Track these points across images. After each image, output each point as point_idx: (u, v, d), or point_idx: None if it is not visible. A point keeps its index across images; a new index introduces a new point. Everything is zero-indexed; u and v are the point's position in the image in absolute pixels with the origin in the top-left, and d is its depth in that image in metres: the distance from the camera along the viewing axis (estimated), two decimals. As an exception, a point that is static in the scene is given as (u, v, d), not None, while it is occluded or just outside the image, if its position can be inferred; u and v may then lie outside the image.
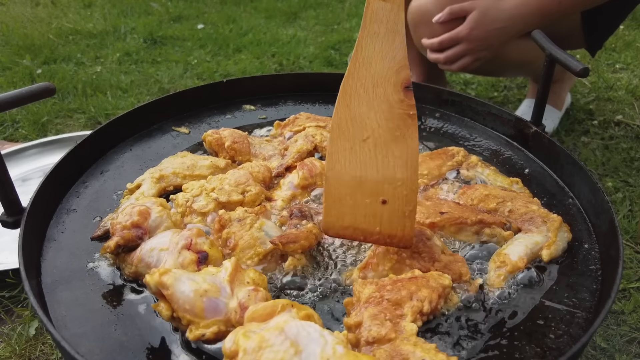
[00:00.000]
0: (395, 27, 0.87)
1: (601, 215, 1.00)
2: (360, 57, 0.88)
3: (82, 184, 1.13)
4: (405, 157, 0.87)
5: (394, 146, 0.87)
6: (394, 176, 0.88)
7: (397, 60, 0.87)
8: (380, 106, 0.87)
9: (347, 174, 0.89)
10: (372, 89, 0.88)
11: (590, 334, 0.75)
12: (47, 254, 0.95)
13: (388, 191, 0.88)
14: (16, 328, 1.34)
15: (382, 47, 0.87)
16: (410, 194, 0.88)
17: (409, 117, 0.87)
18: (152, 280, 0.77)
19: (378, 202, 0.88)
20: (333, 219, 0.90)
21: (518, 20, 1.60)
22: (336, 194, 0.89)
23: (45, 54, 2.92)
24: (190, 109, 1.42)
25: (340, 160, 0.89)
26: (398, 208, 0.88)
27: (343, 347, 0.68)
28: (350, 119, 0.88)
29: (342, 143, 0.89)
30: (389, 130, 0.87)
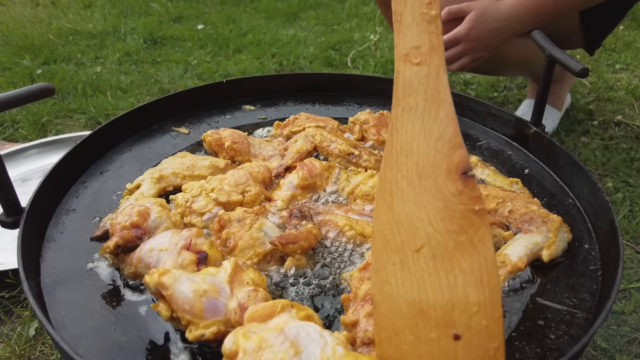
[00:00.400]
0: (437, 95, 0.70)
1: (601, 216, 1.00)
2: (397, 142, 0.71)
3: (81, 184, 1.13)
4: (479, 271, 0.65)
5: (460, 257, 0.65)
6: (467, 299, 0.64)
7: (445, 140, 0.69)
8: (433, 203, 0.67)
9: (400, 297, 0.67)
10: (419, 181, 0.69)
11: (591, 335, 0.75)
12: (47, 254, 0.95)
13: (460, 321, 0.64)
14: (16, 328, 1.34)
15: (424, 124, 0.70)
16: (492, 324, 0.63)
17: (475, 215, 0.66)
18: (151, 281, 0.77)
19: (449, 337, 0.64)
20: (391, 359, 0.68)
21: (515, 20, 1.60)
22: (390, 326, 0.67)
23: (45, 54, 2.92)
24: (190, 109, 1.42)
25: (390, 280, 0.68)
26: (478, 345, 0.63)
27: (343, 347, 0.68)
28: (395, 223, 0.69)
29: (388, 256, 0.68)
30: (449, 235, 0.66)
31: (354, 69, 2.84)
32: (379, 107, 1.39)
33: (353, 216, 1.00)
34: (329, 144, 1.18)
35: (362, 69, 2.81)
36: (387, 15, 2.23)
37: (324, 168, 1.10)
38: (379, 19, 3.43)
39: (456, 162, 0.68)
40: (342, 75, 1.56)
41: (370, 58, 2.91)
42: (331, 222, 0.97)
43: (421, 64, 0.71)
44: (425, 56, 0.72)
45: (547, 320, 0.84)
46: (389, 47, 3.05)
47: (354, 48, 3.06)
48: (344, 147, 1.17)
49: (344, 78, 1.55)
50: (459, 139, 0.69)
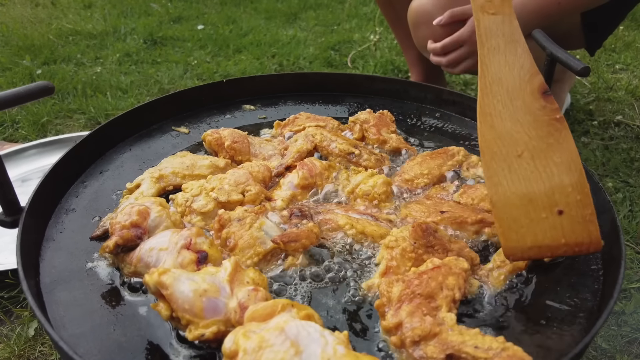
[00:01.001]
0: (513, 37, 0.89)
1: (602, 215, 0.99)
2: (489, 75, 0.88)
3: (81, 183, 1.13)
4: (567, 162, 0.86)
5: (552, 154, 0.86)
6: (562, 183, 0.86)
7: (526, 69, 0.87)
8: (525, 118, 0.87)
9: (513, 194, 0.86)
10: (511, 103, 0.87)
11: (593, 334, 0.75)
12: (46, 253, 0.95)
13: (561, 200, 0.85)
14: (15, 329, 1.34)
15: (507, 59, 0.88)
16: (584, 197, 0.86)
17: (557, 122, 0.86)
18: (151, 280, 0.76)
19: (555, 214, 0.85)
20: (513, 243, 0.86)
21: (519, 21, 1.60)
22: (508, 217, 0.86)
23: (45, 54, 2.92)
24: (190, 109, 1.42)
25: (502, 182, 0.87)
26: (577, 214, 0.85)
27: (344, 347, 0.67)
28: (499, 138, 0.87)
29: (497, 164, 0.87)
30: (541, 140, 0.86)
31: (353, 69, 2.84)
32: (379, 107, 1.38)
33: (353, 215, 1.00)
34: (329, 144, 1.18)
35: (362, 69, 2.81)
36: (387, 15, 2.23)
37: (324, 167, 1.10)
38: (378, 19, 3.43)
39: (537, 85, 0.87)
40: (342, 74, 1.56)
41: (370, 58, 2.91)
42: (331, 221, 0.97)
43: (496, 14, 0.90)
44: (498, 7, 0.92)
45: (548, 319, 0.84)
46: (388, 47, 3.05)
47: (354, 48, 3.06)
48: (344, 147, 1.16)
49: (344, 78, 1.54)
50: (536, 68, 0.87)
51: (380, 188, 1.04)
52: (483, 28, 0.90)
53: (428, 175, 1.11)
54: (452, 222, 0.96)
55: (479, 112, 0.88)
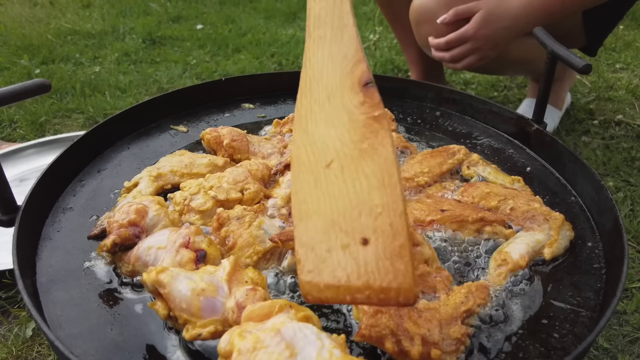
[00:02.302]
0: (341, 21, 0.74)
1: (604, 213, 0.99)
2: (310, 70, 0.75)
3: (78, 182, 1.12)
4: (380, 174, 0.66)
5: (363, 163, 0.68)
6: (372, 202, 0.66)
7: (349, 58, 0.72)
8: (340, 118, 0.70)
9: (315, 214, 0.69)
10: (328, 102, 0.72)
11: (596, 333, 0.74)
12: (43, 252, 0.94)
13: (367, 225, 0.65)
14: (13, 329, 1.33)
15: (331, 50, 0.74)
16: (395, 222, 0.64)
17: (375, 121, 0.68)
18: (148, 279, 0.75)
19: (358, 243, 0.65)
20: (309, 277, 0.68)
21: (523, 19, 1.60)
22: (308, 242, 0.69)
23: (44, 54, 2.91)
24: (188, 108, 1.41)
25: (307, 199, 0.70)
26: (384, 246, 0.64)
27: (340, 351, 0.66)
28: (310, 145, 0.72)
29: (304, 177, 0.71)
30: (354, 145, 0.69)
31: (353, 68, 2.82)
32: (379, 105, 1.37)
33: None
34: (328, 142, 1.17)
35: (362, 68, 2.80)
36: (387, 14, 2.22)
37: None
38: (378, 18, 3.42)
39: (358, 76, 0.71)
40: (341, 73, 1.55)
41: (370, 58, 2.90)
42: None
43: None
44: None
45: (550, 319, 0.83)
46: (388, 46, 3.04)
47: (354, 48, 3.05)
48: (344, 145, 1.15)
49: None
50: (360, 54, 0.72)
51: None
52: (313, 16, 0.76)
53: (428, 174, 1.10)
54: (453, 221, 0.96)
55: (295, 115, 0.75)
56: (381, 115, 0.69)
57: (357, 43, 0.73)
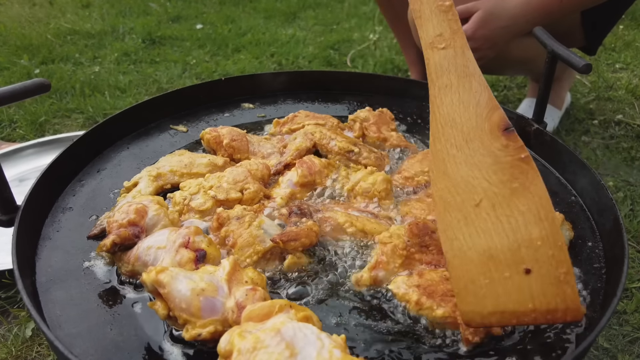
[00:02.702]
0: (467, 70, 0.81)
1: (605, 213, 0.99)
2: (440, 116, 0.79)
3: (78, 182, 1.12)
4: (536, 209, 0.72)
5: (516, 201, 0.73)
6: (530, 236, 0.72)
7: (483, 105, 0.78)
8: (484, 161, 0.76)
9: (470, 249, 0.74)
10: (467, 145, 0.77)
11: (596, 333, 0.74)
12: (42, 252, 0.94)
13: (528, 256, 0.71)
14: (12, 329, 1.33)
15: (461, 97, 0.79)
16: (557, 252, 0.71)
17: (522, 162, 0.74)
18: (148, 279, 0.75)
19: (521, 273, 0.71)
20: (471, 306, 0.73)
21: (521, 19, 1.60)
22: (465, 276, 0.73)
23: (43, 54, 2.90)
24: (188, 107, 1.41)
25: (458, 236, 0.75)
26: (549, 273, 0.70)
27: (340, 351, 0.66)
28: (453, 187, 0.76)
29: (452, 215, 0.75)
30: (503, 185, 0.74)
31: (353, 68, 2.83)
32: (379, 105, 1.37)
33: (353, 213, 0.99)
34: (328, 142, 1.17)
35: (362, 68, 2.80)
36: (386, 15, 2.22)
37: (323, 166, 1.09)
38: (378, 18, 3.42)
39: (497, 121, 0.77)
40: (341, 72, 1.55)
41: (369, 57, 2.90)
42: (331, 219, 0.96)
43: (447, 48, 0.82)
44: (448, 40, 0.85)
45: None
46: (388, 46, 3.04)
47: (353, 47, 3.05)
48: (344, 145, 1.15)
49: (344, 76, 1.53)
50: (495, 102, 0.77)
51: (380, 185, 1.03)
52: (433, 65, 0.82)
53: (429, 173, 1.10)
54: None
55: (431, 158, 0.79)
56: (528, 157, 0.75)
57: (489, 90, 0.79)
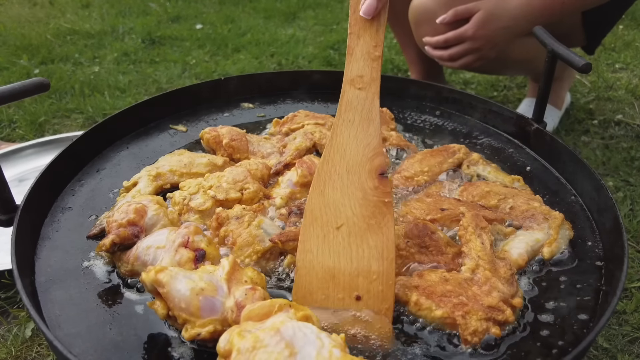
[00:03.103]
0: (370, 115, 0.89)
1: (604, 213, 0.99)
2: (335, 143, 0.88)
3: (77, 182, 1.12)
4: (380, 248, 0.83)
5: (369, 235, 0.83)
6: (369, 269, 0.82)
7: (371, 148, 0.87)
8: (355, 193, 0.86)
9: (318, 264, 0.83)
10: (347, 176, 0.87)
11: (596, 333, 0.73)
12: (42, 252, 0.94)
13: (363, 286, 0.82)
14: (12, 329, 1.32)
15: (357, 134, 0.88)
16: (386, 289, 0.81)
17: (384, 205, 0.84)
18: (147, 278, 0.75)
19: (352, 298, 0.82)
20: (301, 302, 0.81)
21: (522, 20, 1.60)
22: (307, 286, 0.83)
23: (43, 54, 2.90)
24: (187, 107, 1.41)
25: (312, 250, 0.84)
26: (374, 305, 0.81)
27: (340, 350, 0.66)
28: (324, 206, 0.86)
29: (315, 230, 0.85)
30: (363, 219, 0.84)
31: (353, 68, 2.82)
32: (378, 105, 1.37)
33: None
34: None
35: (361, 68, 2.80)
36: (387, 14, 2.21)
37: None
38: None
39: (377, 165, 0.87)
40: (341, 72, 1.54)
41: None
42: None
43: (362, 89, 0.91)
44: (366, 84, 0.92)
45: (550, 317, 0.83)
46: (388, 46, 3.04)
47: (353, 48, 3.05)
48: (344, 145, 1.15)
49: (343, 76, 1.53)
50: (381, 149, 0.88)
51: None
52: (345, 100, 0.91)
53: (428, 173, 1.10)
54: (453, 220, 0.95)
55: (315, 176, 0.88)
56: (390, 203, 0.85)
57: (380, 137, 0.88)
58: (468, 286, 0.81)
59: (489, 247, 0.88)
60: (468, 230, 0.91)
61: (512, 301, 0.81)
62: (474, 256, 0.86)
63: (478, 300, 0.79)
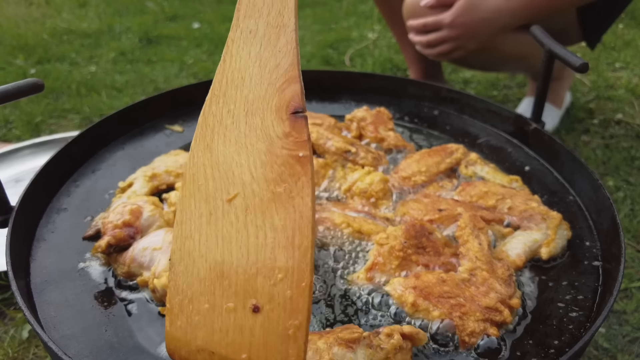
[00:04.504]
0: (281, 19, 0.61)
1: (602, 213, 0.98)
2: (229, 69, 0.62)
3: (73, 182, 1.11)
4: (291, 231, 0.55)
5: (274, 211, 0.56)
6: (273, 263, 0.55)
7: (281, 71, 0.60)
8: (256, 145, 0.58)
9: (201, 257, 0.58)
10: (245, 118, 0.60)
11: (593, 332, 0.73)
12: (37, 253, 0.93)
13: (263, 289, 0.55)
14: (9, 331, 1.32)
15: (261, 51, 0.61)
16: (297, 296, 0.53)
17: (297, 162, 0.57)
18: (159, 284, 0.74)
19: (247, 309, 0.55)
20: (180, 333, 0.58)
21: (505, 13, 1.59)
22: (185, 290, 0.58)
23: (39, 53, 2.89)
24: (184, 107, 1.40)
25: (194, 235, 0.59)
26: (278, 320, 0.54)
27: None
28: (211, 167, 0.60)
29: (197, 205, 0.59)
30: (266, 184, 0.57)
31: (352, 67, 2.82)
32: (376, 105, 1.37)
33: (350, 213, 0.98)
34: (325, 142, 1.16)
35: (360, 67, 2.80)
36: (385, 13, 2.21)
37: (320, 166, 1.08)
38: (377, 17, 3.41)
39: (288, 98, 0.59)
40: (339, 72, 1.54)
41: (368, 57, 2.89)
42: (328, 219, 0.95)
43: None
44: None
45: (548, 317, 0.82)
46: (387, 45, 3.03)
47: (352, 47, 3.04)
48: (341, 145, 1.15)
49: (341, 75, 1.53)
50: (295, 72, 0.59)
51: (377, 186, 1.02)
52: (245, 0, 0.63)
53: (426, 173, 1.09)
54: (450, 220, 0.95)
55: (199, 122, 0.63)
56: (306, 158, 0.56)
57: (295, 54, 0.60)
58: (465, 287, 0.81)
59: (486, 247, 0.88)
60: (465, 231, 0.90)
61: (510, 302, 0.80)
62: (471, 257, 0.85)
63: (475, 301, 0.78)
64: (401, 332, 0.71)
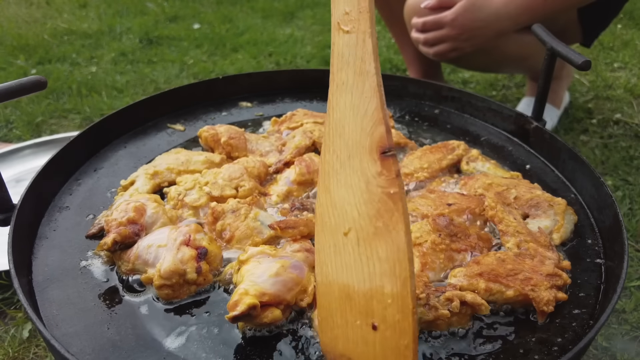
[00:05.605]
0: (363, 66, 0.66)
1: (604, 210, 0.99)
2: (332, 120, 0.68)
3: (75, 181, 1.11)
4: (392, 262, 0.61)
5: (377, 244, 0.63)
6: (382, 289, 0.62)
7: (369, 116, 0.64)
8: (358, 185, 0.65)
9: (334, 281, 0.67)
10: (348, 162, 0.66)
11: (597, 330, 0.73)
12: (39, 252, 0.93)
13: (378, 311, 0.63)
14: (9, 330, 1.32)
15: (353, 100, 0.66)
16: (403, 319, 0.60)
17: (390, 199, 0.62)
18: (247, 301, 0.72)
19: (369, 326, 0.63)
20: (327, 339, 0.68)
21: (504, 16, 1.60)
22: (327, 307, 0.68)
23: (40, 54, 2.89)
24: (185, 106, 1.40)
25: (327, 262, 0.68)
26: (392, 339, 0.61)
27: None
28: (332, 206, 0.68)
29: (326, 238, 0.68)
30: (369, 220, 0.63)
31: (351, 68, 2.82)
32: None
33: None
34: (327, 140, 1.16)
35: (360, 68, 2.80)
36: (384, 14, 2.22)
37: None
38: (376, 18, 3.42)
39: (377, 140, 0.64)
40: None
41: (367, 57, 2.90)
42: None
43: (351, 32, 0.67)
44: (354, 22, 0.68)
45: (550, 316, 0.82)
46: (386, 45, 3.04)
47: (351, 47, 3.04)
48: (343, 143, 1.15)
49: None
50: (380, 115, 0.64)
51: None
52: (336, 54, 0.68)
53: (428, 169, 1.10)
54: (461, 214, 0.95)
55: (320, 170, 0.71)
56: (397, 195, 0.61)
57: (379, 98, 0.64)
58: (522, 261, 0.81)
59: (522, 220, 0.90)
60: (498, 208, 0.91)
61: (562, 264, 0.83)
62: (512, 232, 0.86)
63: (537, 272, 0.79)
64: (463, 300, 0.74)
